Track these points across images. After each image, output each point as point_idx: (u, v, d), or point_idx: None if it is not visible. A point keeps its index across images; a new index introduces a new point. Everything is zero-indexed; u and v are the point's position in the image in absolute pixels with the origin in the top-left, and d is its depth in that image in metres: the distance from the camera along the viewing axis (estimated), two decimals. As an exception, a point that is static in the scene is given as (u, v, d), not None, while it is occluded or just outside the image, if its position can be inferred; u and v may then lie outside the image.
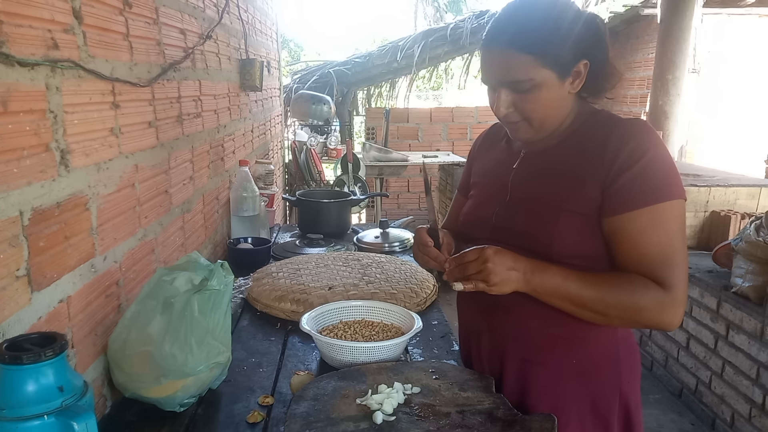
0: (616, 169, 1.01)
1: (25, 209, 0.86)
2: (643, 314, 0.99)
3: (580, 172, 1.06)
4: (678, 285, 0.98)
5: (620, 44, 7.00)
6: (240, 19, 2.63)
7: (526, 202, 1.12)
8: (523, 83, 1.03)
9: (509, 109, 1.08)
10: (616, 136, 1.03)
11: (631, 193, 1.00)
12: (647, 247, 0.99)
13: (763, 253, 2.52)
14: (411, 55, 6.86)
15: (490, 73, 1.07)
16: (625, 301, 0.99)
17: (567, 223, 1.05)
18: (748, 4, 5.73)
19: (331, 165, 6.35)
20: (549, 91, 1.04)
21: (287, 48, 18.46)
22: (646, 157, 0.99)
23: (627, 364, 1.13)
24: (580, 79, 1.06)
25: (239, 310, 1.67)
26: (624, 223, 1.01)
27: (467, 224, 1.25)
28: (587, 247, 1.05)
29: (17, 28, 0.84)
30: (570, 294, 1.00)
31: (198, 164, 1.85)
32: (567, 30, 1.02)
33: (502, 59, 1.04)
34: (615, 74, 1.11)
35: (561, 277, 1.00)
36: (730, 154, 6.08)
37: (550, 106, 1.06)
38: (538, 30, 1.02)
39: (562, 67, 1.03)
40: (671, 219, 1.00)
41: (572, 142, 1.10)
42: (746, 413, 2.59)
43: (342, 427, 0.98)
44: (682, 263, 1.00)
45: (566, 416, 1.08)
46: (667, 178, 1.00)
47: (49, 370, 0.77)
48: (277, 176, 4.08)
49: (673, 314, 0.99)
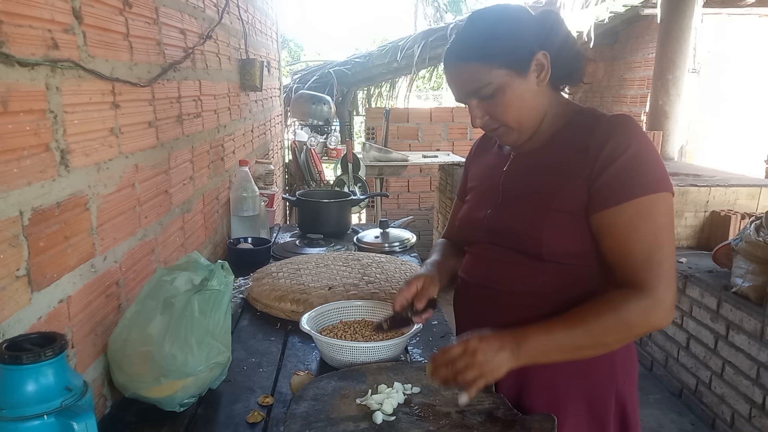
0: (600, 165, 1.01)
1: (25, 209, 0.86)
2: (633, 327, 1.00)
3: (565, 170, 1.06)
4: (660, 283, 0.98)
5: (620, 44, 7.01)
6: (240, 19, 2.63)
7: (515, 204, 1.13)
8: (483, 89, 1.05)
9: (484, 117, 1.10)
10: (599, 132, 1.03)
11: (615, 188, 1.00)
12: (632, 243, 0.99)
13: (763, 253, 2.52)
14: (411, 55, 6.85)
15: (454, 90, 1.11)
16: (612, 322, 0.98)
17: (555, 222, 1.05)
18: (748, 4, 5.73)
19: (331, 165, 6.35)
20: (513, 89, 1.05)
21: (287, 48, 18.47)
22: (629, 151, 1.00)
23: (622, 364, 1.13)
24: (545, 71, 1.06)
25: (239, 310, 1.67)
26: (609, 219, 1.01)
27: (462, 228, 1.26)
28: (577, 245, 1.05)
29: (17, 28, 0.84)
30: (561, 345, 0.99)
31: (198, 164, 1.85)
32: (508, 28, 1.05)
33: (456, 74, 1.08)
34: (580, 58, 1.11)
35: (545, 334, 0.99)
36: (732, 153, 6.08)
37: (522, 105, 1.07)
38: (477, 37, 1.06)
39: (516, 63, 1.04)
40: (656, 213, 0.99)
41: (557, 140, 1.11)
42: (746, 413, 2.59)
43: (342, 427, 0.98)
44: (667, 259, 0.99)
45: (563, 415, 1.08)
46: (651, 172, 1.00)
47: (49, 370, 0.77)
48: (277, 176, 4.08)
49: (660, 315, 0.99)
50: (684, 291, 3.07)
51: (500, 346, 0.97)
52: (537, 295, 1.10)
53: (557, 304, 1.06)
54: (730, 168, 4.73)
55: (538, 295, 1.10)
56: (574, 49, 1.10)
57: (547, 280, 1.08)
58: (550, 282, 1.08)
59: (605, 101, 7.27)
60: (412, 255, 2.22)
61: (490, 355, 0.95)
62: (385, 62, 7.01)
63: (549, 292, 1.09)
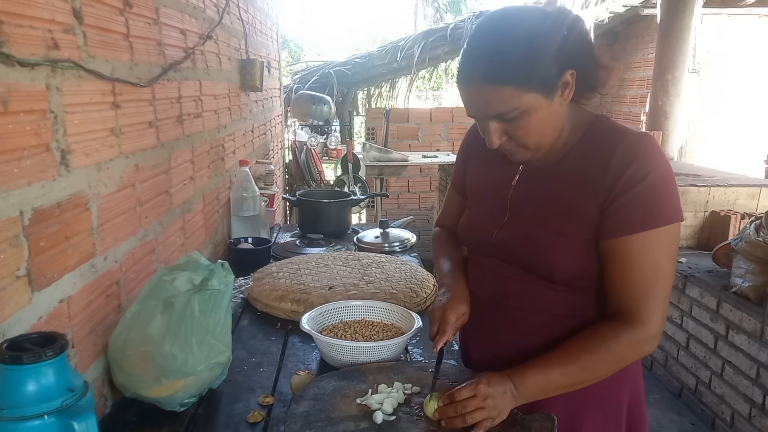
0: (617, 190, 0.98)
1: (25, 209, 0.86)
2: (625, 358, 1.02)
3: (579, 194, 1.03)
4: (653, 316, 0.99)
5: (620, 44, 7.00)
6: (240, 19, 2.63)
7: (525, 225, 1.09)
8: (509, 113, 0.98)
9: (502, 138, 1.03)
10: (619, 154, 0.99)
11: (627, 217, 0.98)
12: (632, 273, 0.99)
13: (763, 253, 2.52)
14: (411, 55, 6.85)
15: (473, 109, 1.02)
16: (604, 356, 1.00)
17: (567, 248, 1.03)
18: (747, 4, 5.73)
19: (331, 165, 6.35)
20: (539, 112, 0.98)
21: (287, 48, 18.47)
22: (648, 179, 0.97)
23: (631, 367, 1.12)
24: (569, 89, 0.99)
25: (239, 310, 1.67)
26: (615, 248, 1.00)
27: (466, 239, 1.24)
28: (588, 268, 1.04)
29: (17, 28, 0.84)
30: (557, 383, 1.01)
31: (198, 164, 1.85)
32: (543, 48, 0.95)
33: (481, 95, 0.98)
34: (604, 69, 1.04)
35: (542, 375, 1.00)
36: (732, 153, 6.09)
37: (544, 126, 1.02)
38: (511, 58, 0.94)
39: (547, 86, 0.97)
40: (661, 246, 0.99)
41: (572, 159, 1.06)
42: (746, 413, 2.59)
43: (342, 426, 0.98)
44: (663, 291, 1.00)
45: (578, 423, 1.09)
46: (665, 202, 0.99)
47: (49, 370, 0.77)
48: (277, 176, 4.08)
49: (650, 345, 1.01)
50: (684, 291, 3.07)
51: (504, 389, 0.98)
52: (550, 314, 1.09)
53: (571, 322, 1.07)
54: (730, 168, 4.73)
55: (551, 313, 1.09)
56: (597, 60, 1.02)
57: (561, 299, 1.08)
58: (563, 301, 1.08)
59: (605, 101, 7.27)
60: (412, 255, 2.22)
61: (499, 400, 0.97)
62: (385, 62, 7.01)
63: (563, 311, 1.08)
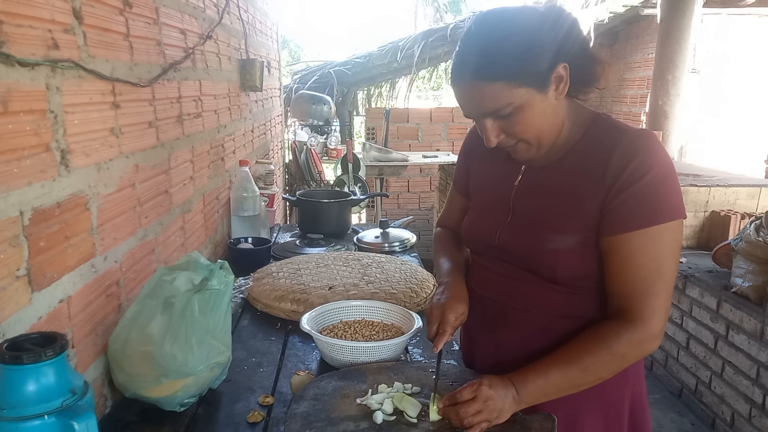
0: (617, 187, 0.98)
1: (25, 209, 0.86)
2: (626, 357, 1.01)
3: (580, 192, 1.03)
4: (654, 315, 0.98)
5: (620, 44, 7.00)
6: (240, 19, 2.63)
7: (528, 225, 1.10)
8: (503, 109, 0.99)
9: (500, 136, 1.04)
10: (620, 149, 0.99)
11: (628, 214, 0.98)
12: (633, 271, 0.99)
13: (763, 253, 2.52)
14: (411, 55, 6.85)
15: (467, 108, 1.03)
16: (605, 357, 0.99)
17: (569, 248, 1.03)
18: (747, 4, 5.73)
19: (331, 165, 6.35)
20: (533, 107, 0.99)
21: (287, 48, 18.45)
22: (649, 175, 0.96)
23: (633, 367, 1.12)
24: (564, 82, 1.00)
25: (239, 310, 1.67)
26: (616, 245, 1.00)
27: (470, 240, 1.24)
28: (591, 267, 1.04)
29: (17, 28, 0.84)
30: (558, 386, 1.00)
31: (198, 164, 1.85)
32: (533, 42, 0.96)
33: (473, 93, 0.99)
34: (599, 63, 1.05)
35: (543, 378, 1.00)
36: (732, 153, 6.08)
37: (541, 121, 1.02)
38: (500, 53, 0.96)
39: (539, 80, 0.97)
40: (665, 241, 0.98)
41: (574, 154, 1.06)
42: (746, 413, 2.59)
43: (342, 426, 0.98)
44: (664, 290, 0.99)
45: (580, 425, 1.09)
46: (667, 198, 0.98)
47: (49, 370, 0.77)
48: (277, 176, 4.08)
49: (652, 343, 1.00)
50: (684, 291, 3.07)
51: (505, 394, 0.98)
52: (554, 315, 1.09)
53: (574, 324, 1.07)
54: (729, 168, 4.73)
55: (554, 315, 1.09)
56: (591, 55, 1.04)
57: (563, 300, 1.08)
58: (566, 303, 1.08)
59: (605, 101, 7.27)
60: (412, 255, 2.22)
61: (500, 403, 0.97)
62: (385, 62, 7.01)
63: (566, 313, 1.08)
